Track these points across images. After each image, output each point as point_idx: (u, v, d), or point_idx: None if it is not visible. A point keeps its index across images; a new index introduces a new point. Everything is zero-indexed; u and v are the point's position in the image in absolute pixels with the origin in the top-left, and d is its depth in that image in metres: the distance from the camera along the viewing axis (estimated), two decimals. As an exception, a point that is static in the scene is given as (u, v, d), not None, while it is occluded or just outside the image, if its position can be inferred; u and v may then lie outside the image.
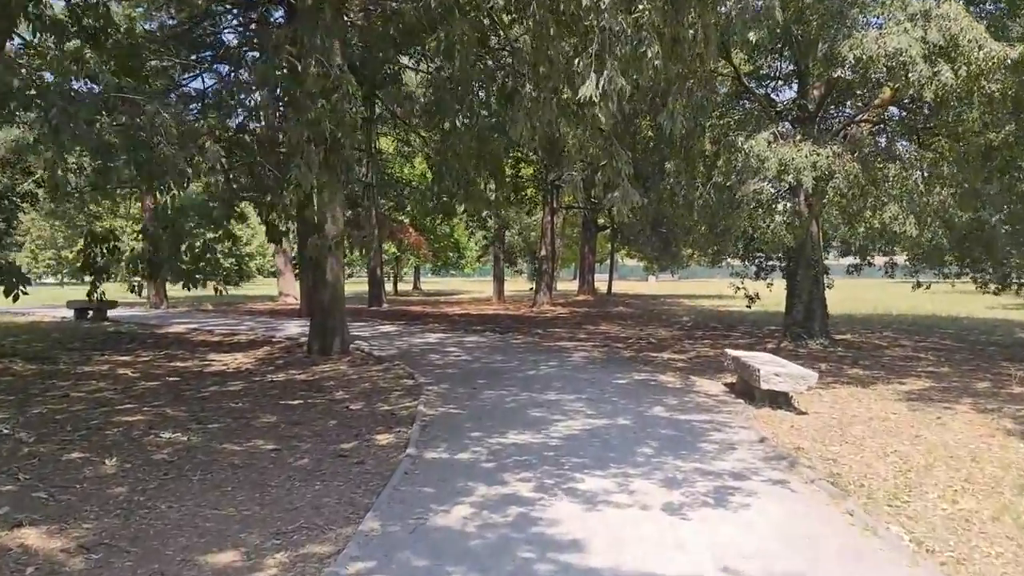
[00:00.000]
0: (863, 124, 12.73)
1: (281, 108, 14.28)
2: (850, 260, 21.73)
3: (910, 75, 8.95)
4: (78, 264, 13.94)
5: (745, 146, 9.86)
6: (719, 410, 8.84)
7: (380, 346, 15.11)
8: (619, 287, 51.22)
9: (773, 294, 21.08)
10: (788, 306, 15.65)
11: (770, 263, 20.98)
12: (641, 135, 12.85)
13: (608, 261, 44.51)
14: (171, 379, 11.31)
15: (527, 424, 8.00)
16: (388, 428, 8.00)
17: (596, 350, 14.76)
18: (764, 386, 8.58)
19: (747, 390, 9.51)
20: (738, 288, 20.45)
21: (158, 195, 12.16)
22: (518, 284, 54.18)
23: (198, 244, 13.20)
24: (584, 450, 6.89)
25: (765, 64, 17.38)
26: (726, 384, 10.59)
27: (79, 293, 17.38)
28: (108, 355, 13.92)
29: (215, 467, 6.43)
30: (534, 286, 25.47)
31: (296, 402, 9.51)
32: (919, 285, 19.92)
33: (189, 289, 12.79)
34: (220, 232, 14.34)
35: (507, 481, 5.88)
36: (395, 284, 46.14)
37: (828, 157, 9.72)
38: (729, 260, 20.31)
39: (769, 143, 9.97)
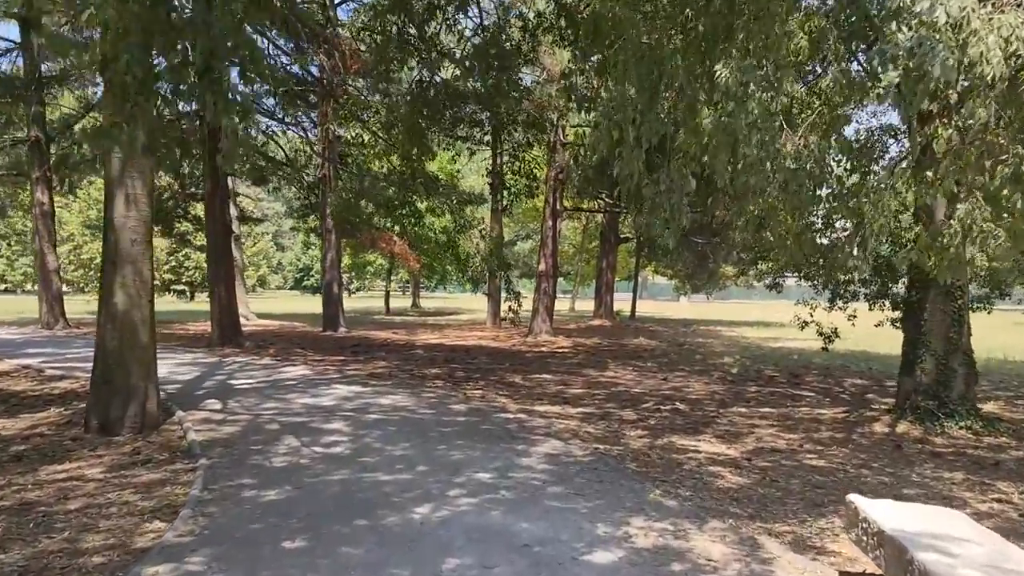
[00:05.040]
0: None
1: None
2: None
3: None
4: None
5: (920, 6, 3.87)
6: None
7: (229, 412, 9.26)
8: (645, 308, 45.01)
9: (857, 330, 14.94)
10: (907, 361, 9.49)
11: (851, 288, 14.96)
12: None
13: (633, 279, 38.29)
14: None
15: None
16: None
17: (583, 430, 8.74)
18: None
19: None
20: (806, 323, 14.48)
21: None
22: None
23: None
24: None
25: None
26: (852, 580, 4.53)
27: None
28: None
29: None
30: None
31: None
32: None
33: None
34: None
35: None
36: (387, 301, 40.35)
37: None
38: (800, 280, 14.33)
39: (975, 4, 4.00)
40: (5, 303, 39.10)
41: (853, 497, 4.45)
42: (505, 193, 20.64)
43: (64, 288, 56.90)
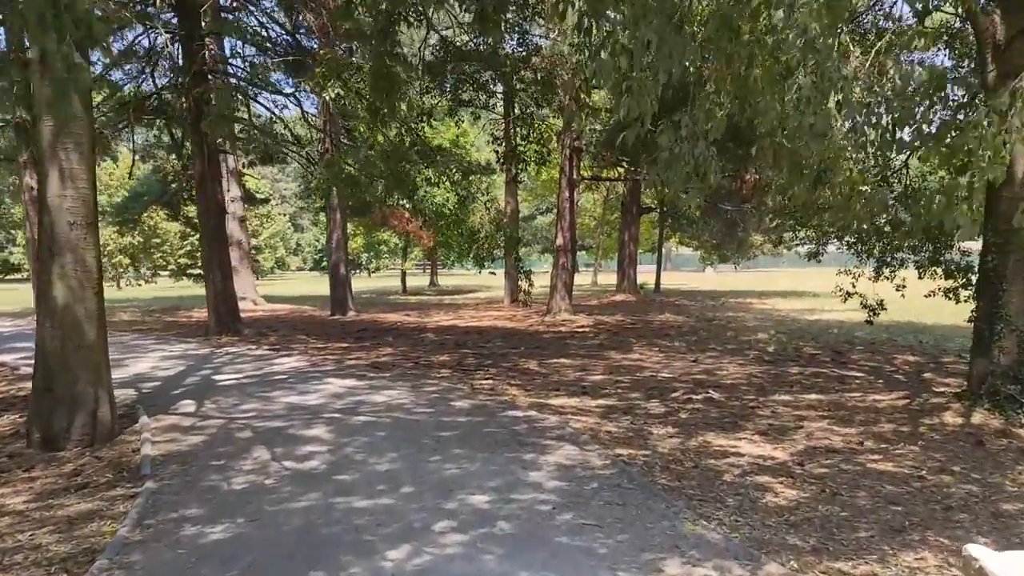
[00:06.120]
0: None
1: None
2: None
3: None
4: None
5: None
6: None
7: (201, 417, 8.17)
8: (670, 280, 43.58)
9: (899, 299, 13.48)
10: (981, 338, 8.13)
11: (898, 255, 13.52)
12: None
13: (657, 251, 36.79)
14: None
15: None
16: None
17: (603, 430, 7.52)
18: None
19: None
20: (849, 294, 13.10)
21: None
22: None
23: None
24: None
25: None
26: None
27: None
28: None
29: None
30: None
31: None
32: None
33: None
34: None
35: None
36: (403, 281, 39.29)
37: None
38: (845, 248, 12.97)
39: None
40: (23, 293, 38.52)
41: (975, 551, 3.20)
42: (514, 161, 19.14)
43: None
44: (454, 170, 13.52)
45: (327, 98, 10.38)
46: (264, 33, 17.32)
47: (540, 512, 5.03)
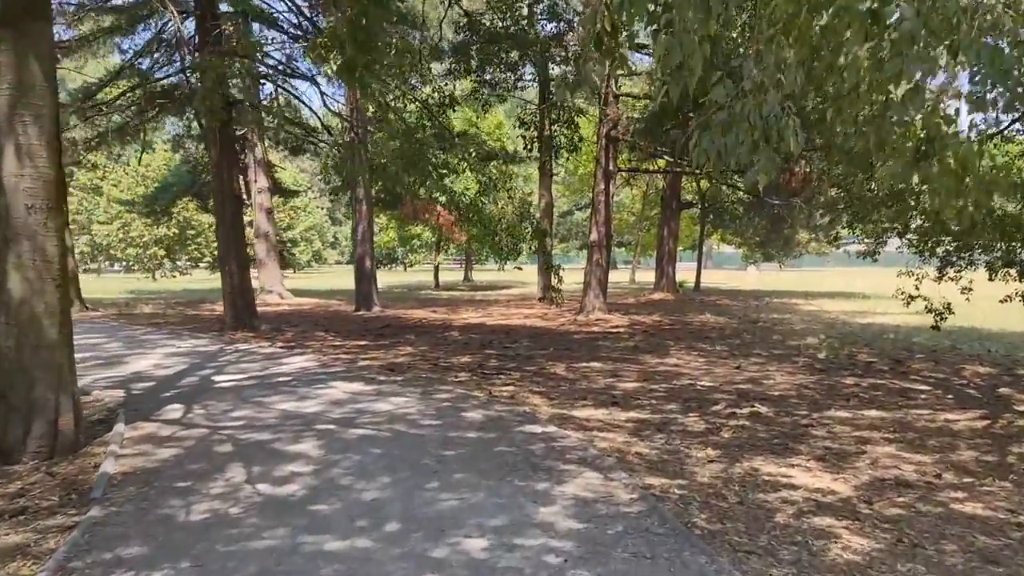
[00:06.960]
0: None
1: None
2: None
3: None
4: None
5: None
6: None
7: (184, 425, 7.36)
8: (711, 278, 42.18)
9: (960, 302, 12.16)
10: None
11: (965, 254, 12.28)
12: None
13: (698, 248, 35.43)
14: None
15: None
16: None
17: (632, 451, 6.51)
18: None
19: None
20: (912, 296, 11.91)
21: None
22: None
23: None
24: None
25: None
26: None
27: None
28: None
29: None
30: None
31: None
32: None
33: None
34: None
35: None
36: (436, 275, 38.53)
37: None
38: (905, 245, 11.79)
39: None
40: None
41: None
42: (539, 147, 18.02)
43: (115, 268, 56.91)
44: (473, 154, 12.54)
45: (328, 72, 9.60)
46: (292, 19, 16.64)
47: (548, 566, 4.05)
